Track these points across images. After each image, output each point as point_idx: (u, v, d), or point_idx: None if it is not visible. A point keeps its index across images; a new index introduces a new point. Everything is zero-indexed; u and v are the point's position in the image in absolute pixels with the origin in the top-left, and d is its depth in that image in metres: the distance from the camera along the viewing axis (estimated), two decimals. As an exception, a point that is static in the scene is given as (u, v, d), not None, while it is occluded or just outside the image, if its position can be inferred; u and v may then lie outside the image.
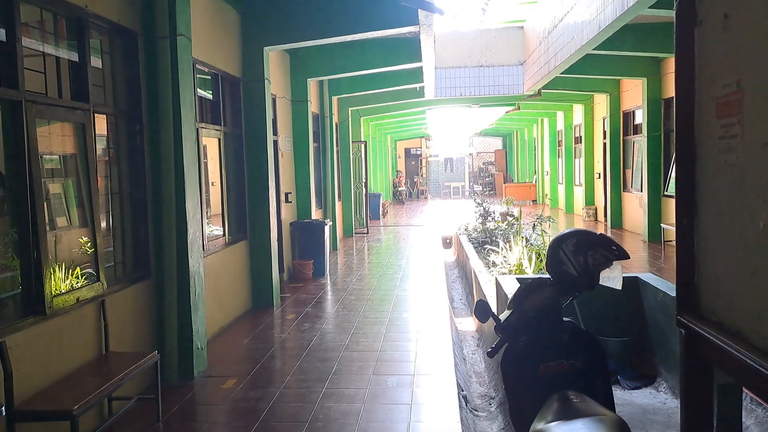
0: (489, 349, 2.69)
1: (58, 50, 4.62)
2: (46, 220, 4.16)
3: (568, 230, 2.81)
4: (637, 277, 5.22)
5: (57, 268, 4.25)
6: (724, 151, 1.96)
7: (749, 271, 1.85)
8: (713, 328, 2.05)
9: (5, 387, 3.46)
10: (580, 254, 2.65)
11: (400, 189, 32.59)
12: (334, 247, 13.29)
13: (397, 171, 35.21)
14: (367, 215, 17.48)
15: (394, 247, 14.39)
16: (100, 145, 5.01)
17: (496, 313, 2.79)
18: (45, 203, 4.16)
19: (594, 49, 10.19)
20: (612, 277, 2.65)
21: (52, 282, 4.10)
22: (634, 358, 5.04)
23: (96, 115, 4.78)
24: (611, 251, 2.63)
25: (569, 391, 2.44)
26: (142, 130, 5.35)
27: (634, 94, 14.96)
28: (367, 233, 17.03)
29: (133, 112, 5.32)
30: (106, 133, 5.11)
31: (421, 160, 40.19)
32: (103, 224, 4.98)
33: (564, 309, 2.74)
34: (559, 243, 2.73)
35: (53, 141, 4.69)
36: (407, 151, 39.96)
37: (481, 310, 2.72)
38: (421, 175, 39.14)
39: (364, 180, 17.38)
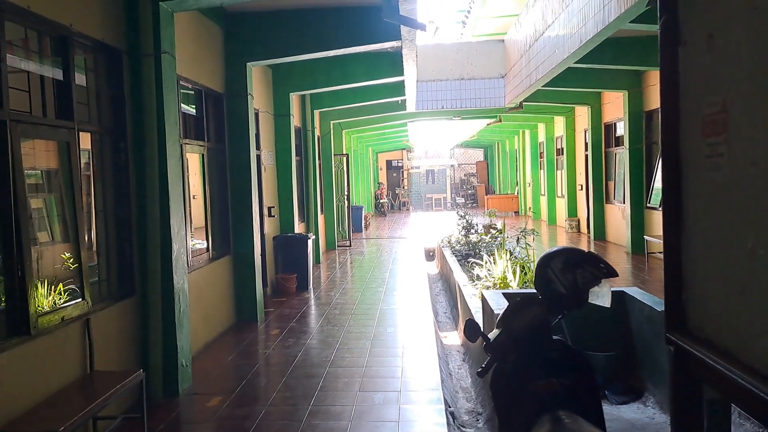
0: (479, 369, 2.69)
1: (42, 68, 4.58)
2: (30, 238, 4.10)
3: (555, 248, 2.83)
4: (623, 291, 5.26)
5: (39, 285, 4.19)
6: (711, 170, 1.99)
7: (738, 290, 1.87)
8: (702, 346, 2.07)
9: (-11, 409, 3.41)
10: (568, 272, 2.67)
11: (382, 201, 32.64)
12: (317, 261, 13.26)
13: (378, 183, 35.27)
14: (349, 228, 17.47)
15: (377, 260, 14.39)
16: (85, 162, 4.97)
17: (484, 332, 2.80)
18: (29, 221, 4.11)
19: (575, 63, 10.33)
20: (601, 295, 2.67)
21: (36, 300, 4.04)
22: (620, 372, 5.07)
23: (80, 132, 4.75)
24: (599, 269, 2.66)
25: (560, 411, 2.45)
26: (126, 147, 5.31)
27: (615, 106, 15.17)
28: (350, 246, 17.01)
29: (118, 129, 5.28)
30: (90, 150, 5.07)
31: (402, 172, 40.32)
32: (87, 241, 4.92)
33: (553, 327, 2.76)
34: (547, 261, 2.75)
35: (34, 156, 4.64)
36: (389, 163, 40.07)
37: (471, 330, 2.72)
38: (403, 187, 39.24)
39: (346, 193, 17.38)
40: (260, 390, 5.68)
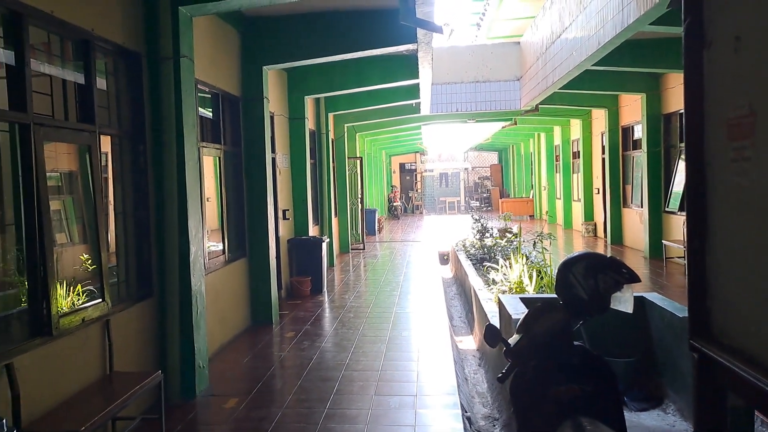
0: (499, 375, 2.68)
1: (64, 72, 4.63)
2: (52, 240, 4.15)
3: (577, 253, 2.82)
4: (642, 296, 5.21)
5: (58, 286, 4.24)
6: (737, 174, 1.96)
7: (764, 296, 1.85)
8: (726, 353, 2.05)
9: (12, 408, 3.45)
10: (590, 277, 2.65)
11: (395, 204, 32.63)
12: (331, 264, 13.27)
13: (392, 186, 35.27)
14: (363, 231, 17.48)
15: (390, 263, 14.38)
16: (103, 165, 5.02)
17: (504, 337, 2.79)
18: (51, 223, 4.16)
19: (592, 65, 10.27)
20: (623, 301, 2.65)
21: (57, 301, 4.08)
22: (640, 378, 5.02)
23: (101, 135, 4.79)
24: (621, 274, 2.63)
25: (582, 418, 2.43)
26: (145, 149, 5.36)
27: (633, 109, 15.05)
28: (364, 249, 17.01)
29: (137, 132, 5.33)
30: (110, 153, 5.12)
31: (416, 175, 40.28)
32: (107, 243, 4.97)
33: (574, 332, 2.74)
34: (568, 266, 2.73)
35: (55, 159, 4.70)
36: (402, 166, 40.06)
37: (491, 335, 2.71)
38: (416, 190, 39.19)
39: (360, 196, 17.39)
40: (276, 392, 5.69)
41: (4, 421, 2.45)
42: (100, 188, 4.75)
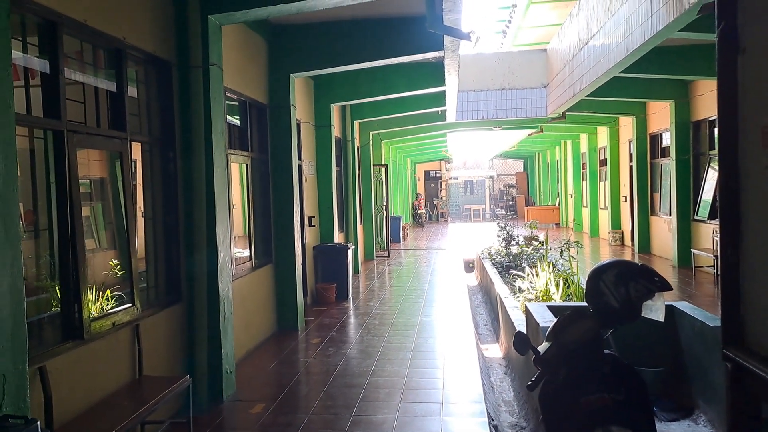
0: (529, 383, 2.66)
1: (96, 80, 4.73)
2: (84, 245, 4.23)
3: (608, 261, 2.79)
4: (672, 305, 5.13)
5: (88, 291, 4.31)
6: (773, 181, 1.94)
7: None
8: (761, 362, 2.01)
9: (45, 411, 3.51)
10: (621, 285, 2.62)
11: (419, 212, 32.58)
12: (356, 271, 13.29)
13: (416, 194, 35.23)
14: (388, 238, 17.49)
15: (415, 270, 14.36)
16: (133, 171, 5.10)
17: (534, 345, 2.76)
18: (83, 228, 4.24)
19: (620, 72, 10.18)
20: (654, 309, 2.61)
21: (88, 305, 4.16)
22: (669, 388, 4.94)
23: (132, 142, 4.88)
24: (653, 282, 2.60)
25: (613, 427, 2.40)
26: (174, 156, 5.44)
27: (661, 116, 14.87)
28: (388, 256, 17.02)
29: (167, 139, 5.41)
30: (140, 159, 5.21)
31: (440, 182, 40.19)
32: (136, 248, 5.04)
33: (604, 341, 2.71)
34: (599, 274, 2.71)
35: (87, 165, 4.80)
36: (427, 173, 40.01)
37: (520, 342, 2.70)
38: (441, 198, 39.10)
39: (384, 203, 17.41)
40: (302, 398, 5.71)
41: (39, 423, 2.50)
42: (131, 194, 4.83)
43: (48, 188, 4.06)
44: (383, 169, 17.40)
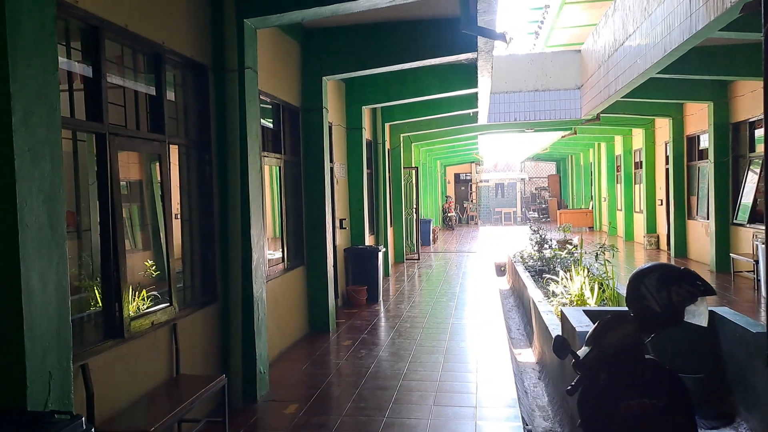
0: (568, 387, 2.63)
1: (136, 84, 4.82)
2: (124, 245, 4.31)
3: (649, 264, 2.74)
4: (712, 311, 5.02)
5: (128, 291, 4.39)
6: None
7: None
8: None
9: (87, 407, 3.58)
10: (663, 289, 2.57)
11: (449, 215, 32.46)
12: (386, 273, 13.30)
13: (446, 196, 35.12)
14: (418, 241, 17.46)
15: (446, 273, 14.31)
16: (174, 174, 5.19)
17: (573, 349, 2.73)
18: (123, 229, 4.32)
19: (657, 73, 10.00)
20: (697, 314, 2.56)
21: (128, 305, 4.24)
22: (709, 396, 4.83)
23: (170, 145, 4.96)
24: (696, 286, 2.55)
25: (656, 433, 2.36)
26: (210, 159, 5.52)
27: (699, 118, 14.57)
28: (418, 259, 16.99)
29: (203, 142, 5.49)
30: (177, 162, 5.29)
31: (470, 185, 39.99)
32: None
33: (645, 346, 2.66)
34: (640, 277, 2.66)
35: (128, 168, 4.89)
36: (457, 176, 39.85)
37: (560, 346, 2.66)
38: (471, 201, 38.91)
39: (415, 206, 17.39)
40: (335, 400, 5.73)
41: (83, 419, 2.56)
42: (169, 196, 4.91)
43: (88, 190, 4.15)
44: (413, 171, 17.39)
